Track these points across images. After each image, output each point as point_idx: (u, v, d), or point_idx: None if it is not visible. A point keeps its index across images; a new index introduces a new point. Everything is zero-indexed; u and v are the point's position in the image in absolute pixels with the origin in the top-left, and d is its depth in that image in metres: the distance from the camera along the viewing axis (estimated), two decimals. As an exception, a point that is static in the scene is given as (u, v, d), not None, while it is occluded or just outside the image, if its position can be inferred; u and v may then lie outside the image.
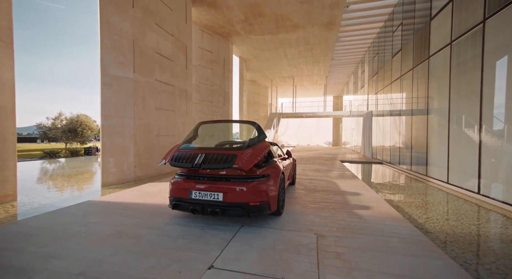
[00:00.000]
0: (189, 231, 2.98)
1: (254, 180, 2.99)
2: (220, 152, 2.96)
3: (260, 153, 3.00)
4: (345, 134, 26.61)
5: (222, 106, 14.17)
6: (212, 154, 2.92)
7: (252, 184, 2.95)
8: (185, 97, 9.66)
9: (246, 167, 2.73)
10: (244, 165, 2.73)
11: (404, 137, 9.32)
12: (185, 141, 3.44)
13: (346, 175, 7.41)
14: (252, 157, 2.86)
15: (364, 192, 5.13)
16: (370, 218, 3.46)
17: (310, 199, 4.49)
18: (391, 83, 10.87)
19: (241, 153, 2.89)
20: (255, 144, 3.12)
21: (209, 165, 2.80)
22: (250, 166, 2.77)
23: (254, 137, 3.28)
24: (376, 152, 13.48)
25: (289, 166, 5.05)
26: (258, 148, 3.07)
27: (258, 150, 3.02)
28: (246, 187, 2.90)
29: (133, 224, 3.21)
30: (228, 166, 2.74)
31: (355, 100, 21.55)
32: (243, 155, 2.84)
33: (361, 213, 3.69)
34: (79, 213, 3.66)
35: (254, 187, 2.94)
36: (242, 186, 2.91)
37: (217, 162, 2.80)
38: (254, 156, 2.89)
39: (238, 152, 2.91)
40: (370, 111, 14.72)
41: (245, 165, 2.73)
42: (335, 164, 10.51)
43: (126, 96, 6.68)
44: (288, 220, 3.39)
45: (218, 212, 2.87)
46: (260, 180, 3.03)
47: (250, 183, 2.94)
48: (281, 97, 33.26)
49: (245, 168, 2.72)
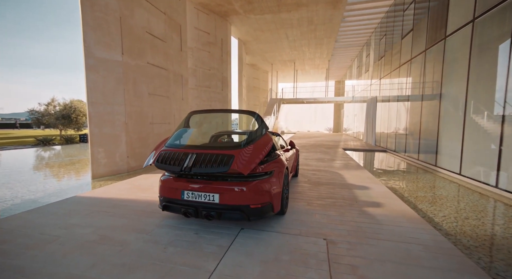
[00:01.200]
0: (181, 235, 2.63)
1: (255, 179, 2.60)
2: (214, 152, 2.53)
3: (261, 151, 2.58)
4: (346, 120, 26.11)
5: (220, 92, 13.56)
6: (204, 154, 2.49)
7: (253, 183, 2.56)
8: (180, 82, 9.07)
9: (245, 171, 2.32)
10: (243, 168, 2.32)
11: (412, 124, 8.88)
12: (175, 135, 2.99)
13: (351, 165, 7.06)
14: (252, 157, 2.44)
15: (372, 185, 4.78)
16: (384, 218, 3.12)
17: (315, 194, 4.15)
18: (400, 67, 10.23)
19: (239, 153, 2.46)
20: (255, 140, 2.69)
21: (201, 169, 2.39)
22: (250, 169, 2.36)
23: (253, 130, 2.84)
24: (380, 139, 13.10)
25: (292, 157, 4.66)
26: (259, 145, 2.65)
27: (259, 148, 2.60)
28: (246, 187, 2.52)
29: (120, 226, 2.86)
30: (224, 170, 2.33)
31: (358, 85, 20.82)
32: (241, 156, 2.43)
33: (372, 211, 3.35)
34: (61, 212, 3.31)
35: (255, 186, 2.56)
36: (241, 186, 2.52)
37: (210, 165, 2.38)
38: (254, 155, 2.47)
39: (235, 152, 2.48)
40: (374, 97, 14.15)
41: (244, 168, 2.32)
42: (338, 152, 10.15)
43: (114, 81, 6.13)
44: (292, 220, 3.05)
45: (213, 215, 2.50)
46: (262, 179, 2.64)
47: (251, 183, 2.55)
48: (282, 82, 32.33)
49: (244, 172, 2.31)
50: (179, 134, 3.01)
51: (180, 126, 3.15)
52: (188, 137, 3.16)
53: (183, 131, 3.09)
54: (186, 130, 3.13)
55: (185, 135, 3.13)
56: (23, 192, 4.75)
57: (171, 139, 2.90)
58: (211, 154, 2.47)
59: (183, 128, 3.13)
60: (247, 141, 2.66)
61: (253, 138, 2.74)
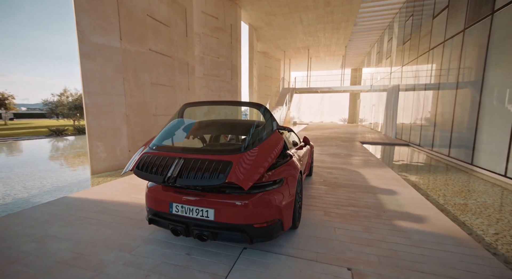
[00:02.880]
0: (170, 256, 2.15)
1: (260, 190, 2.03)
2: (207, 157, 1.97)
3: (268, 156, 2.00)
4: (363, 111, 24.76)
5: (230, 81, 12.91)
6: (194, 160, 1.94)
7: (258, 196, 2.00)
8: (186, 71, 8.53)
9: (246, 185, 1.75)
10: (243, 180, 1.76)
11: (442, 115, 7.90)
12: (162, 132, 2.44)
13: (371, 162, 6.34)
14: (256, 165, 1.87)
15: (399, 188, 4.10)
16: (423, 237, 2.49)
17: (333, 200, 3.55)
18: (429, 51, 9.09)
19: (239, 159, 1.89)
20: (260, 141, 2.10)
21: (188, 181, 1.84)
22: (253, 182, 1.79)
23: (258, 128, 2.25)
24: (402, 132, 12.08)
25: (306, 156, 4.05)
26: (265, 147, 2.06)
27: (265, 152, 2.02)
28: (248, 201, 1.97)
29: (103, 239, 2.43)
30: (217, 182, 1.78)
31: (377, 73, 19.42)
32: (241, 163, 1.86)
33: (406, 227, 2.72)
34: (44, 218, 2.93)
35: (260, 200, 2.00)
36: (242, 200, 1.97)
37: (200, 175, 1.84)
38: (259, 163, 1.90)
39: (234, 158, 1.91)
40: (396, 85, 12.98)
41: (245, 181, 1.76)
42: (355, 146, 9.37)
43: (113, 70, 5.68)
44: (306, 237, 2.49)
45: (207, 236, 1.99)
46: (269, 190, 2.08)
47: (255, 195, 2.00)
48: (295, 70, 31.06)
49: (244, 186, 1.75)
50: (169, 132, 2.47)
51: (172, 120, 2.61)
52: (181, 135, 2.62)
53: (174, 127, 2.55)
54: (178, 126, 2.59)
55: (178, 133, 2.59)
56: (18, 189, 4.49)
57: (157, 138, 2.36)
58: (202, 160, 1.91)
59: (175, 123, 2.58)
60: (250, 142, 2.08)
61: (259, 137, 2.16)
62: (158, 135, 2.39)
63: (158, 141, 2.31)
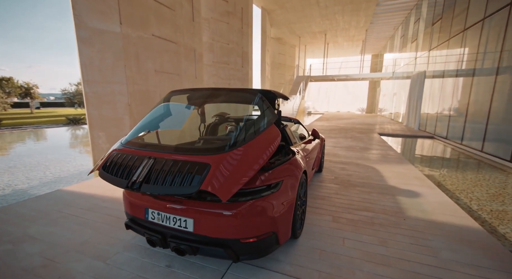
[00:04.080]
0: (147, 268, 1.87)
1: (251, 197, 1.66)
2: (182, 157, 1.60)
3: (259, 157, 1.61)
4: (383, 100, 23.32)
5: (240, 69, 12.40)
6: (166, 161, 1.57)
7: (247, 204, 1.63)
8: (193, 58, 8.15)
9: (224, 195, 1.38)
10: (220, 190, 1.38)
11: (475, 104, 7.00)
12: (139, 125, 2.10)
13: (391, 156, 5.74)
14: (240, 170, 1.49)
15: (424, 189, 3.57)
16: (454, 256, 2.02)
17: (344, 202, 3.11)
18: (464, 31, 8.00)
19: (220, 161, 1.51)
20: (251, 137, 1.70)
21: (154, 188, 1.48)
22: (232, 193, 1.41)
23: (250, 119, 1.84)
24: (426, 122, 11.08)
25: (315, 151, 3.61)
26: (257, 146, 1.66)
27: (256, 152, 1.63)
28: (234, 211, 1.60)
29: (80, 243, 2.20)
30: (188, 191, 1.40)
31: (400, 59, 17.93)
32: (222, 166, 1.48)
33: (432, 240, 2.25)
34: (30, 214, 2.77)
35: (250, 210, 1.63)
36: (227, 209, 1.61)
37: (170, 180, 1.47)
38: (245, 167, 1.52)
39: (213, 159, 1.53)
40: (422, 72, 11.82)
41: (222, 191, 1.38)
42: (373, 138, 8.68)
43: (113, 56, 5.41)
44: (308, 249, 2.11)
45: (185, 250, 1.67)
46: (262, 196, 1.70)
47: (244, 204, 1.63)
48: (310, 57, 29.72)
49: (222, 198, 1.37)
50: (148, 124, 2.13)
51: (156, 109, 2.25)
52: (165, 128, 2.28)
53: (154, 118, 2.20)
54: (160, 116, 2.24)
55: (162, 125, 2.25)
56: (20, 180, 4.47)
57: (132, 131, 2.03)
58: (175, 161, 1.55)
59: (156, 113, 2.23)
60: (238, 140, 1.68)
61: (250, 133, 1.76)
62: (133, 129, 2.05)
63: (131, 135, 1.97)
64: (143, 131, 2.04)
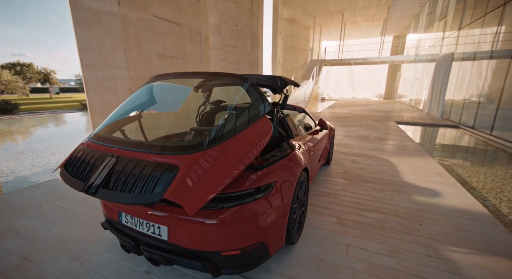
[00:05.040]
0: (124, 274, 1.71)
1: (235, 203, 1.40)
2: (147, 156, 1.31)
3: (244, 156, 1.33)
4: (403, 85, 21.87)
5: (250, 52, 11.83)
6: (129, 161, 1.30)
7: (230, 212, 1.37)
8: (198, 41, 7.76)
9: (190, 208, 1.11)
10: (186, 200, 1.12)
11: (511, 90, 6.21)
12: (116, 113, 1.85)
13: (408, 148, 5.25)
14: (215, 175, 1.22)
15: (445, 188, 3.16)
16: (483, 276, 1.69)
17: (352, 201, 2.80)
18: (504, 5, 6.97)
19: (191, 163, 1.23)
20: (236, 132, 1.41)
21: (110, 194, 1.22)
22: (201, 205, 1.15)
23: (235, 113, 1.53)
24: (450, 110, 10.20)
25: (322, 143, 3.27)
26: (240, 144, 1.38)
27: (239, 152, 1.35)
28: (216, 220, 1.35)
29: (61, 240, 2.08)
30: (149, 200, 1.13)
31: (425, 40, 16.44)
32: (193, 170, 1.20)
33: (455, 253, 1.92)
34: (20, 204, 2.70)
35: (234, 218, 1.38)
36: (206, 217, 1.36)
37: (130, 186, 1.21)
38: (223, 172, 1.25)
39: (184, 159, 1.24)
40: (449, 54, 10.72)
41: (189, 202, 1.11)
42: (389, 127, 8.09)
43: (112, 39, 5.17)
44: (306, 257, 1.86)
45: (159, 260, 1.46)
46: (249, 202, 1.43)
47: (226, 211, 1.37)
48: (326, 40, 28.11)
49: (188, 210, 1.10)
50: (122, 112, 1.87)
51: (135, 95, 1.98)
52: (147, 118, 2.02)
53: (135, 106, 1.94)
54: (143, 104, 1.97)
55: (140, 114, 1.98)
56: (25, 166, 4.49)
57: (104, 121, 1.79)
58: (140, 161, 1.29)
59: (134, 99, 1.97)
60: (219, 134, 1.39)
61: (235, 126, 1.46)
62: (108, 117, 1.81)
63: (102, 126, 1.73)
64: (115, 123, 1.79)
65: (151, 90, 2.04)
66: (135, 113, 1.90)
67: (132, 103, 1.95)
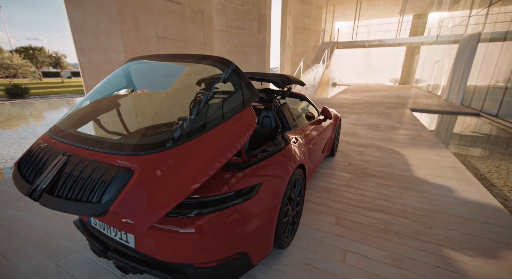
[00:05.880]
0: (99, 276, 1.59)
1: (210, 210, 1.20)
2: (102, 156, 1.09)
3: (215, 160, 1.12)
4: (421, 69, 20.56)
5: (257, 34, 11.22)
6: (80, 161, 1.09)
7: (206, 220, 1.18)
8: (201, 21, 7.33)
9: (140, 223, 0.91)
10: (137, 214, 0.92)
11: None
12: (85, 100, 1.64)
13: (423, 138, 4.87)
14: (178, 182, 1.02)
15: (462, 185, 2.86)
16: (499, 295, 1.46)
17: (355, 198, 2.57)
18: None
19: (149, 166, 1.00)
20: (212, 126, 1.17)
21: (53, 201, 1.02)
22: (154, 220, 0.95)
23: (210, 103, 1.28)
24: (471, 96, 9.46)
25: (325, 133, 2.99)
26: (214, 141, 1.15)
27: (212, 151, 1.14)
28: (188, 228, 1.16)
29: (41, 235, 1.98)
30: (94, 212, 0.92)
31: (448, 19, 15.09)
32: (151, 175, 0.98)
33: (470, 265, 1.68)
34: (10, 193, 2.64)
35: (209, 227, 1.18)
36: (178, 225, 1.17)
37: (77, 193, 1.00)
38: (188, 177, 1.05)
39: (140, 161, 1.02)
40: (476, 34, 9.75)
41: (140, 216, 0.92)
42: (403, 115, 7.59)
43: (107, 19, 4.89)
44: (297, 264, 1.68)
45: (127, 269, 1.31)
46: (228, 207, 1.23)
47: (200, 219, 1.17)
48: (340, 20, 26.46)
49: (138, 226, 0.91)
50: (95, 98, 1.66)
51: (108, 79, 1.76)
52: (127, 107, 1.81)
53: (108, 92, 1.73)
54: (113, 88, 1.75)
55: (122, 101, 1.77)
56: (25, 152, 4.48)
57: (71, 110, 1.58)
58: (91, 162, 1.08)
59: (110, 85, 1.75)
60: (189, 129, 1.16)
61: (211, 119, 1.22)
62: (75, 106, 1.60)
63: (64, 117, 1.53)
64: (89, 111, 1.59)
65: (127, 71, 1.81)
66: (110, 99, 1.69)
67: (104, 89, 1.73)
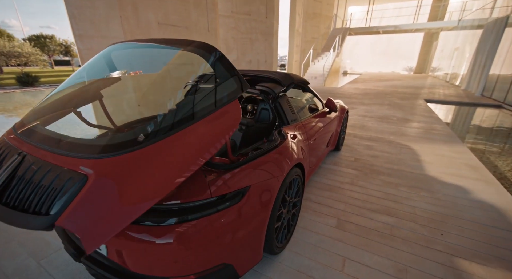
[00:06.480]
0: (79, 278, 1.52)
1: (189, 218, 1.06)
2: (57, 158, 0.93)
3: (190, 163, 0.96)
4: (439, 57, 19.41)
5: (264, 20, 10.75)
6: (33, 162, 0.95)
7: (184, 229, 1.04)
8: (204, 7, 7.01)
9: (88, 243, 0.77)
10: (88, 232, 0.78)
11: None
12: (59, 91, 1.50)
13: (436, 132, 4.55)
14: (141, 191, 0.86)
15: (479, 185, 2.61)
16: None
17: (359, 198, 2.38)
18: None
19: (106, 173, 0.85)
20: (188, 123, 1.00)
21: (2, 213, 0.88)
22: (105, 240, 0.80)
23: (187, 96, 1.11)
24: (494, 86, 8.82)
25: (330, 127, 2.79)
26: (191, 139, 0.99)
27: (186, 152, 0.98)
28: (165, 238, 1.03)
29: (25, 232, 1.93)
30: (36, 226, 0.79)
31: (473, 1, 13.94)
32: (106, 184, 0.83)
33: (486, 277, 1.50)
34: None
35: (187, 236, 1.05)
36: (152, 235, 1.04)
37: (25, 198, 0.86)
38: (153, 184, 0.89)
39: (98, 165, 0.87)
40: (503, 17, 8.94)
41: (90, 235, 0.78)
42: (417, 106, 7.17)
43: (106, 5, 4.70)
44: (290, 273, 1.54)
45: (99, 277, 1.21)
46: (210, 214, 1.10)
47: (177, 227, 1.04)
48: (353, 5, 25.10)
49: (86, 246, 0.77)
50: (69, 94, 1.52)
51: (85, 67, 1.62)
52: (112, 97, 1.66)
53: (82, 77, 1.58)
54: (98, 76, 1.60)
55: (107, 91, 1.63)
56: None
57: (40, 102, 1.45)
58: (44, 164, 0.94)
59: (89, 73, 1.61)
60: (160, 126, 1.00)
61: (188, 115, 1.05)
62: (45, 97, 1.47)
63: (33, 110, 1.40)
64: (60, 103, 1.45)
65: (109, 58, 1.66)
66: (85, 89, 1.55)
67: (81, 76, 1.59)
